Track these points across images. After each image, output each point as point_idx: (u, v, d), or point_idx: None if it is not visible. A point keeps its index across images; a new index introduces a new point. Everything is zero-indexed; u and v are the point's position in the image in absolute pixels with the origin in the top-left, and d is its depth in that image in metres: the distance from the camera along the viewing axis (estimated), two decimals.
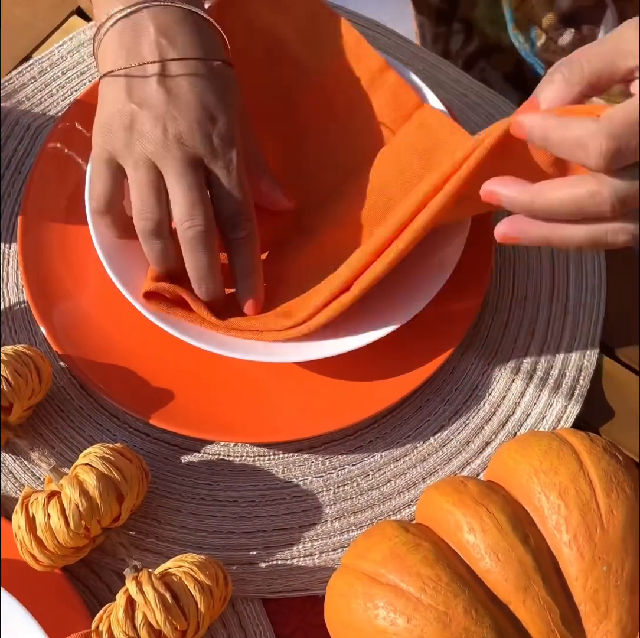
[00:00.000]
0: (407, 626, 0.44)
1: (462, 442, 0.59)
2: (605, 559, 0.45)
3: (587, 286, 0.64)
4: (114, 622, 0.48)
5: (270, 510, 0.57)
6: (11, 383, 0.53)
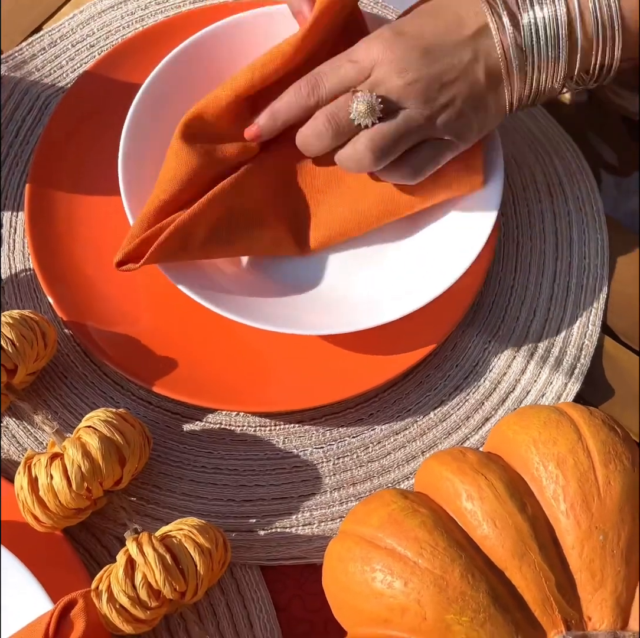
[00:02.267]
0: (404, 589, 0.45)
1: (462, 417, 0.60)
2: (601, 528, 0.46)
3: (589, 266, 0.64)
4: (114, 581, 0.49)
5: (270, 479, 0.58)
6: (16, 345, 0.53)
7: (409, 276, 0.60)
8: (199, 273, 0.58)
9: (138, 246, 0.55)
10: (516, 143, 0.68)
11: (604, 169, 0.76)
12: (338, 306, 0.59)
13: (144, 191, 0.58)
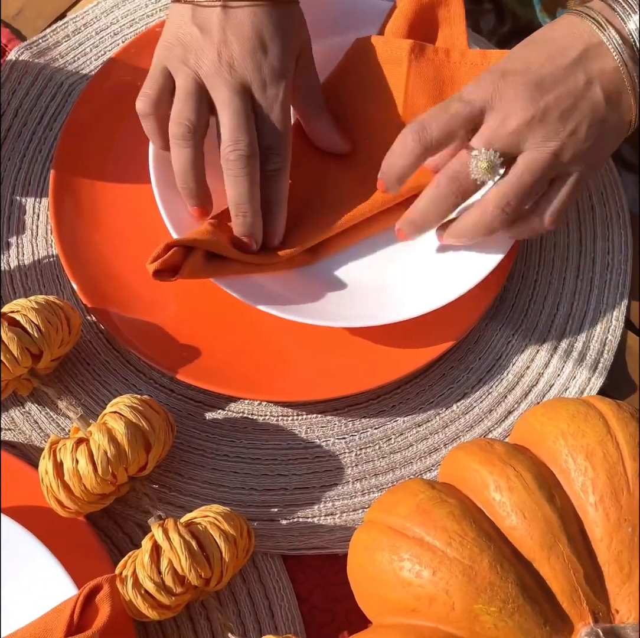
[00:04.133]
0: (433, 578, 0.44)
1: (485, 410, 0.60)
2: (630, 521, 0.46)
3: (613, 262, 0.64)
4: (139, 566, 0.48)
5: (293, 469, 0.57)
6: (42, 331, 0.53)
7: (435, 273, 0.60)
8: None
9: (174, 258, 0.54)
10: None
11: (624, 167, 0.76)
12: (365, 300, 0.59)
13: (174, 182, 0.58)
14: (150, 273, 0.54)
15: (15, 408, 0.58)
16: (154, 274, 0.54)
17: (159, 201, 0.57)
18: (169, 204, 0.58)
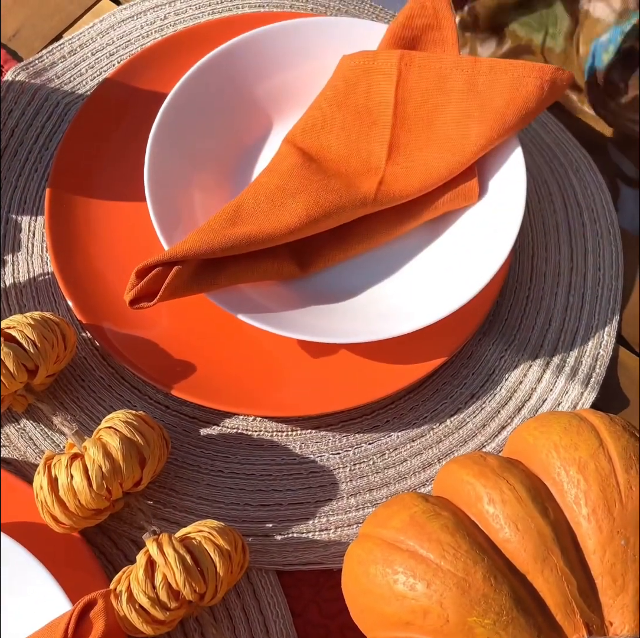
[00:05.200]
0: (427, 591, 0.45)
1: (478, 425, 0.60)
2: (623, 533, 0.46)
3: (604, 278, 0.65)
4: (134, 582, 0.48)
5: (287, 484, 0.58)
6: (38, 346, 0.53)
7: (428, 288, 0.60)
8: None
9: (149, 284, 0.54)
10: (532, 154, 0.68)
11: (624, 182, 0.77)
12: (357, 315, 0.59)
13: (169, 197, 0.59)
14: (126, 303, 0.54)
15: (10, 424, 0.58)
16: (131, 304, 0.54)
17: (153, 219, 0.58)
18: (163, 221, 0.58)
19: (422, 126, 0.62)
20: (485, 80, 0.60)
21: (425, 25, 0.63)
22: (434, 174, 0.60)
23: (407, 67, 0.62)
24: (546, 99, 0.60)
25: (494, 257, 0.59)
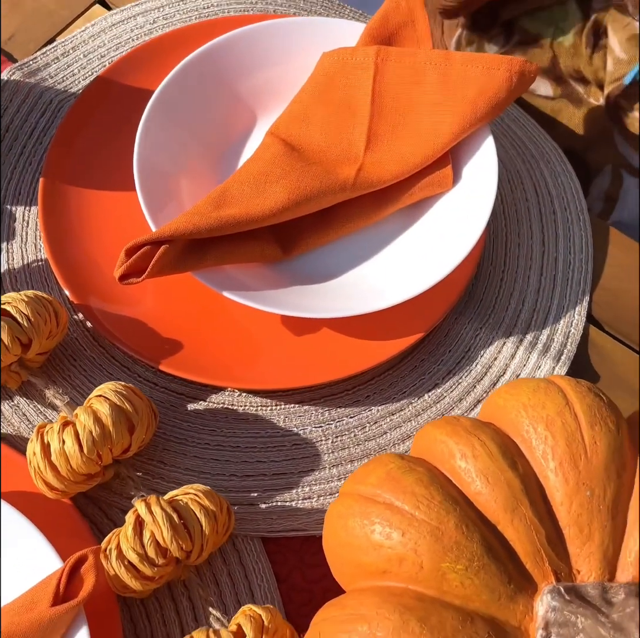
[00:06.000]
0: (402, 540, 0.47)
1: (455, 399, 0.62)
2: (588, 485, 0.48)
3: (574, 261, 0.68)
4: (123, 539, 0.50)
5: (271, 456, 0.60)
6: (31, 320, 0.56)
7: (404, 270, 0.63)
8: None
9: (137, 261, 0.57)
10: (504, 147, 0.71)
11: (627, 171, 0.79)
12: (336, 292, 0.62)
13: (157, 185, 0.62)
14: (116, 278, 0.56)
15: (5, 401, 0.61)
16: (120, 279, 0.56)
17: (142, 203, 0.61)
18: (152, 206, 0.61)
19: (398, 116, 0.65)
20: (457, 72, 0.64)
21: (401, 22, 0.66)
22: (409, 161, 0.63)
23: (383, 61, 0.65)
24: (515, 90, 0.63)
25: (466, 240, 0.62)
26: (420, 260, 0.62)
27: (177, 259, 0.58)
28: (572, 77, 0.81)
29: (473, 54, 0.64)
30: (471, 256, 0.63)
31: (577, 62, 0.76)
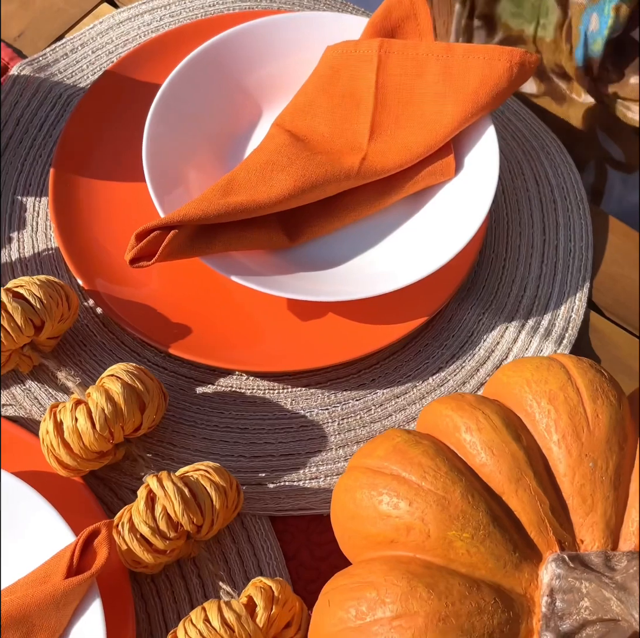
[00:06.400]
0: (409, 509, 0.48)
1: (459, 382, 0.64)
2: (591, 456, 0.49)
3: (575, 249, 0.69)
4: (135, 513, 0.52)
5: (279, 438, 0.61)
6: (44, 303, 0.57)
7: (408, 255, 0.64)
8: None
9: (148, 245, 0.58)
10: (505, 139, 0.73)
11: (611, 165, 0.81)
12: (343, 279, 0.63)
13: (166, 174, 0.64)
14: (127, 262, 0.58)
15: (16, 385, 0.62)
16: (131, 263, 0.58)
17: (151, 191, 0.62)
18: (159, 190, 0.62)
19: (401, 107, 0.66)
20: (458, 63, 0.65)
21: (403, 16, 0.68)
22: (412, 150, 0.65)
23: (386, 54, 0.66)
24: (516, 80, 0.65)
25: (469, 225, 0.63)
26: (423, 246, 0.64)
27: (186, 244, 0.59)
28: (555, 73, 0.82)
29: (474, 45, 0.65)
30: (473, 242, 0.64)
31: (559, 57, 0.78)
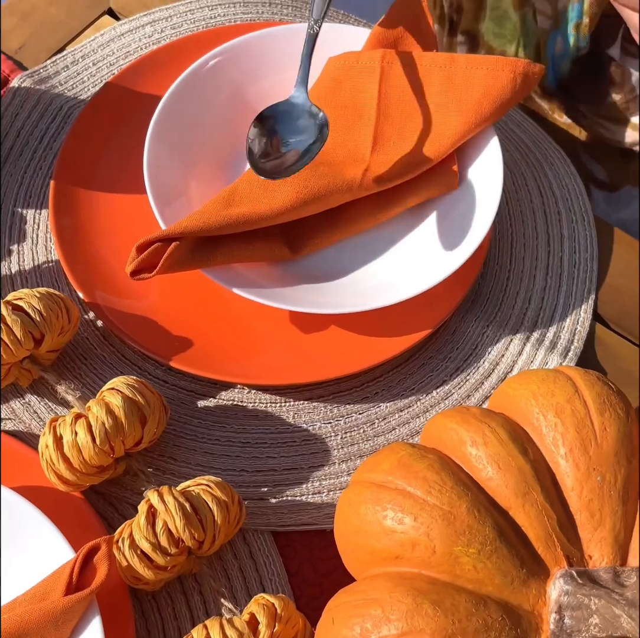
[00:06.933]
0: (414, 524, 0.47)
1: (463, 396, 0.63)
2: (599, 470, 0.48)
3: (580, 260, 0.68)
4: (136, 528, 0.51)
5: (282, 452, 0.60)
6: (44, 315, 0.56)
7: (412, 268, 0.64)
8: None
9: (149, 257, 0.58)
10: (509, 151, 0.72)
11: (594, 184, 0.81)
12: (345, 291, 0.62)
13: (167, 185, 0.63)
14: (127, 274, 0.57)
15: (16, 399, 0.61)
16: (132, 275, 0.57)
17: (152, 203, 0.61)
18: (162, 205, 0.62)
19: (404, 118, 0.66)
20: (461, 74, 0.65)
21: (406, 27, 0.68)
22: (415, 161, 0.64)
23: (389, 65, 0.66)
24: (519, 91, 0.64)
25: (473, 237, 0.62)
26: (427, 258, 0.63)
27: (188, 256, 0.59)
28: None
29: (477, 56, 0.65)
30: (477, 254, 0.64)
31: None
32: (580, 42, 0.72)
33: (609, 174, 0.81)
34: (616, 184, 0.81)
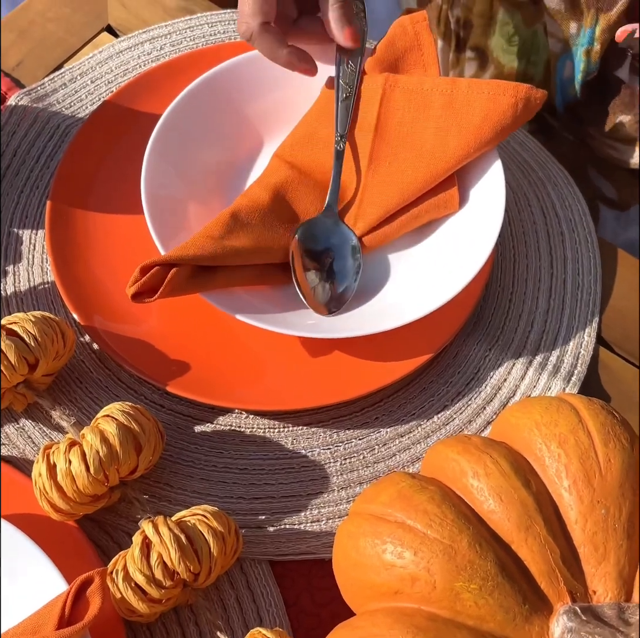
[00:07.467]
0: (414, 559, 0.46)
1: (465, 421, 0.62)
2: (603, 503, 0.47)
3: (583, 282, 0.67)
4: (130, 560, 0.50)
5: (280, 478, 0.59)
6: (38, 340, 0.55)
7: (414, 291, 0.63)
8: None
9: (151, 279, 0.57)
10: (511, 170, 0.71)
11: (603, 203, 0.80)
12: (347, 316, 0.61)
13: (165, 207, 0.62)
14: (129, 296, 0.56)
15: (10, 424, 0.60)
16: (133, 298, 0.57)
17: (150, 226, 0.61)
18: (160, 230, 0.61)
19: (401, 140, 0.65)
20: (462, 98, 0.64)
21: (407, 46, 0.67)
22: (410, 183, 0.63)
23: (391, 88, 0.65)
24: (521, 116, 0.63)
25: (475, 259, 0.61)
26: (430, 281, 0.62)
27: (189, 281, 0.58)
28: (546, 111, 0.81)
29: (479, 80, 0.64)
30: (479, 276, 0.63)
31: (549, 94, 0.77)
32: (590, 67, 0.72)
33: (619, 192, 0.80)
34: (626, 204, 0.80)
